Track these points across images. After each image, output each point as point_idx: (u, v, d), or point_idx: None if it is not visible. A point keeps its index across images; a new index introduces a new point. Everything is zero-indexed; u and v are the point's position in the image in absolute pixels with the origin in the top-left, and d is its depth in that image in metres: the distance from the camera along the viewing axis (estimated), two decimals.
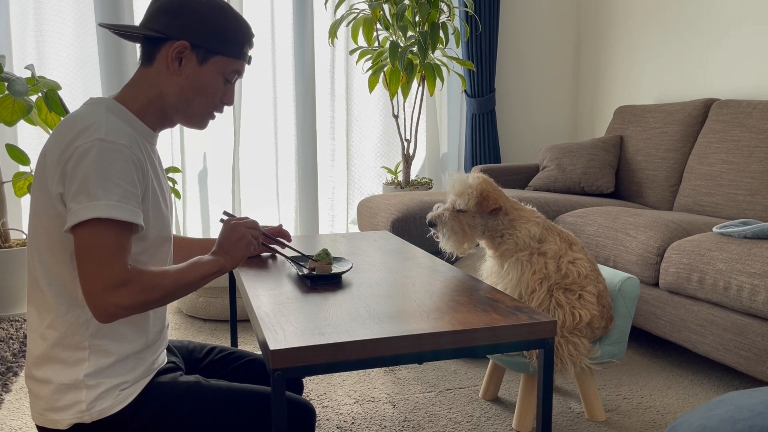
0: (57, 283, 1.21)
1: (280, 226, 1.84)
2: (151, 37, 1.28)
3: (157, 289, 1.17)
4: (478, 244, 2.03)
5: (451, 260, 2.06)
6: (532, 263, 1.90)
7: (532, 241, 1.91)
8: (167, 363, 1.38)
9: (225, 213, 1.51)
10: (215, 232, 4.10)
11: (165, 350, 1.40)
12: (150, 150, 1.30)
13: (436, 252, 3.00)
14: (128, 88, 1.30)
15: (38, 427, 1.25)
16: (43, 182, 1.20)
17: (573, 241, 1.98)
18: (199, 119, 1.34)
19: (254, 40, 1.37)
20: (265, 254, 1.85)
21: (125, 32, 1.31)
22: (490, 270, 2.03)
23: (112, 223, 1.14)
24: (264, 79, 4.06)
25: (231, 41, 1.30)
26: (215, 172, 4.06)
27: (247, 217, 1.40)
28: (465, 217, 1.89)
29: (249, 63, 1.36)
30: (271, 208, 4.20)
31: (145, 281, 1.15)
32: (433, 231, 1.95)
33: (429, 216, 1.92)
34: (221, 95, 1.33)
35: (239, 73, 1.34)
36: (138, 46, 1.45)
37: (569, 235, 1.99)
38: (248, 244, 1.35)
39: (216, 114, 1.36)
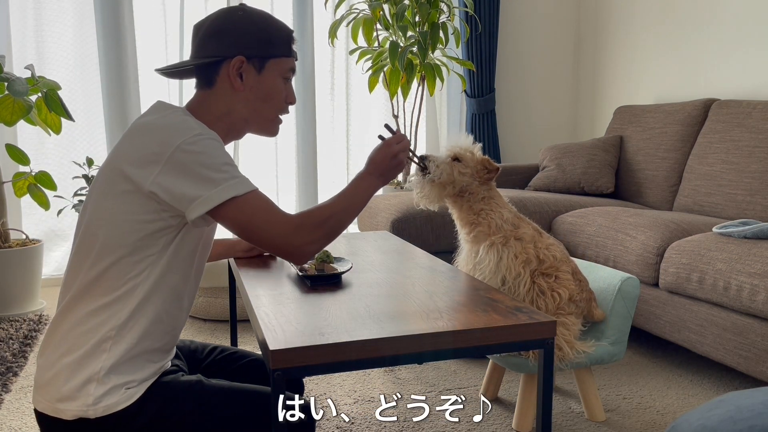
0: (110, 278, 1.23)
1: None
2: (206, 64, 1.34)
3: (331, 219, 1.29)
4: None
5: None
6: (510, 247, 1.91)
7: (505, 224, 1.94)
8: (171, 366, 1.40)
9: (386, 126, 1.53)
10: (218, 232, 4.09)
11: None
12: None
13: (436, 252, 3.00)
14: (192, 108, 1.35)
15: (39, 415, 1.26)
16: (122, 185, 1.22)
17: (540, 230, 2.02)
18: (271, 125, 1.41)
19: (295, 35, 1.42)
20: (265, 253, 1.85)
21: (181, 69, 1.37)
22: (464, 259, 2.03)
23: (249, 195, 1.23)
24: None
25: (278, 42, 1.36)
26: None
27: (402, 135, 1.45)
28: (458, 165, 1.93)
29: (297, 59, 1.42)
30: None
31: (314, 217, 1.27)
32: (415, 174, 1.94)
33: (423, 153, 1.95)
34: (284, 96, 1.39)
35: (293, 70, 1.40)
36: (138, 48, 1.46)
37: (536, 225, 2.04)
38: (401, 166, 1.42)
39: (283, 117, 1.44)
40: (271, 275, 1.65)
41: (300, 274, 1.58)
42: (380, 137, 1.47)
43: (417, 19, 3.78)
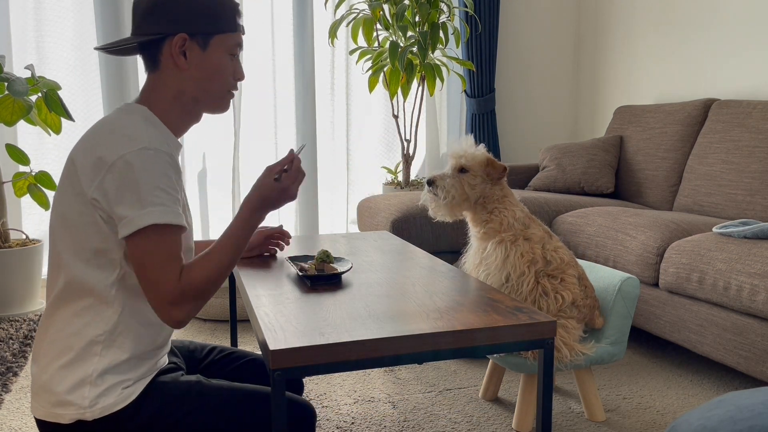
0: (82, 281, 1.22)
1: (281, 226, 1.84)
2: (148, 42, 1.28)
3: (212, 283, 1.22)
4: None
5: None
6: (518, 246, 1.92)
7: (517, 223, 1.94)
8: (168, 363, 1.39)
9: (292, 152, 1.40)
10: (215, 233, 4.09)
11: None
12: (177, 160, 1.31)
13: (436, 252, 3.00)
14: (146, 96, 1.31)
15: (38, 422, 1.25)
16: (75, 186, 1.20)
17: (550, 232, 2.03)
18: (220, 102, 1.35)
19: (241, 8, 1.37)
20: (265, 253, 1.85)
21: (121, 47, 1.31)
22: (472, 254, 2.04)
23: (166, 229, 1.17)
24: (264, 79, 4.06)
25: (223, 17, 1.29)
26: (215, 172, 4.06)
27: (296, 171, 1.37)
28: (466, 177, 1.93)
29: (243, 33, 1.36)
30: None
31: (197, 285, 1.20)
32: (427, 194, 1.94)
33: (429, 177, 1.95)
34: (231, 72, 1.34)
35: (240, 45, 1.34)
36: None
37: (546, 227, 2.05)
38: (292, 198, 1.36)
39: (233, 92, 1.38)
40: (271, 275, 1.65)
41: (300, 274, 1.58)
42: (274, 178, 1.35)
43: (417, 19, 3.78)
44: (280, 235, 1.83)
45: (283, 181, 1.34)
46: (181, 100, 1.31)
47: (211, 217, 4.08)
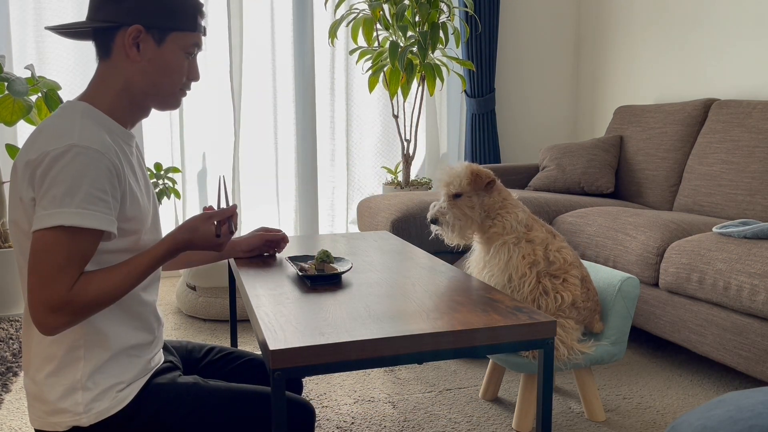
0: None
1: (283, 234, 1.82)
2: (102, 28, 1.25)
3: (100, 304, 1.15)
4: None
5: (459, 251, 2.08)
6: (520, 248, 1.94)
7: (519, 226, 1.95)
8: (164, 362, 1.38)
9: (235, 206, 1.41)
10: None
11: (161, 350, 1.40)
12: (128, 151, 1.28)
13: (436, 252, 3.00)
14: (93, 86, 1.27)
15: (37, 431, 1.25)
16: (17, 192, 1.18)
17: (554, 232, 2.04)
18: (171, 99, 1.31)
19: (205, 9, 1.32)
20: (265, 254, 1.85)
21: (74, 30, 1.27)
22: (476, 258, 2.05)
23: (72, 232, 1.11)
24: (264, 79, 4.06)
25: (183, 15, 1.26)
26: (215, 172, 4.06)
27: (232, 210, 1.35)
28: (462, 201, 1.93)
29: (204, 34, 1.33)
30: (270, 207, 4.20)
31: (86, 300, 1.13)
32: (435, 229, 1.97)
33: (429, 214, 1.95)
34: (186, 72, 1.30)
35: (198, 45, 1.30)
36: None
37: (550, 227, 2.05)
38: (218, 251, 1.34)
39: (186, 91, 1.34)
40: (271, 275, 1.65)
41: (300, 274, 1.58)
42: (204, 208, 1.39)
43: (417, 19, 3.78)
44: (278, 240, 1.82)
45: (223, 237, 1.32)
46: (129, 92, 1.27)
47: None
